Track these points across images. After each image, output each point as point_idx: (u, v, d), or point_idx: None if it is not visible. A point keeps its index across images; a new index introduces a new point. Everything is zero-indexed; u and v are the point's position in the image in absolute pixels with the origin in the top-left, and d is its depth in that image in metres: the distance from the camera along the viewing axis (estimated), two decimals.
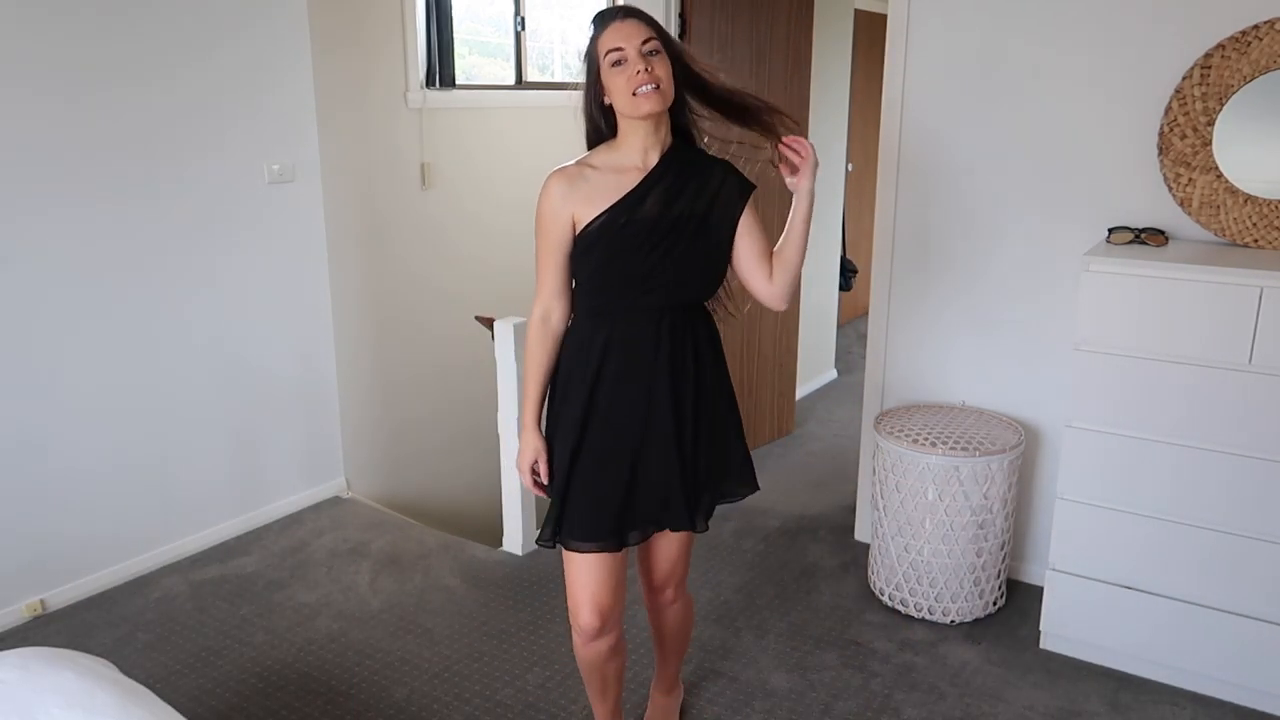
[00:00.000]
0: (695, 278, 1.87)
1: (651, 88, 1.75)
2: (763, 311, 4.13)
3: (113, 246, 2.92)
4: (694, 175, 1.85)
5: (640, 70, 1.74)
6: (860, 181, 6.10)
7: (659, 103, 1.76)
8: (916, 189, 3.01)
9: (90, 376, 2.92)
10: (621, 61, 1.75)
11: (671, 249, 1.82)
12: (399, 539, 3.38)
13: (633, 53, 1.75)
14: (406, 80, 4.02)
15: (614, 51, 1.76)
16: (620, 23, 1.77)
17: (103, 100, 2.83)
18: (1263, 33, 2.38)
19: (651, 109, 1.76)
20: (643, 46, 1.75)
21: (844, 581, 3.08)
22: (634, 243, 1.81)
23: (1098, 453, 2.48)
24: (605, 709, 2.15)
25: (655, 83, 1.75)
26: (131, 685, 1.67)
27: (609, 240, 1.81)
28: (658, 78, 1.75)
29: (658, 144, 1.84)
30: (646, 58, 1.75)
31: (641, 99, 1.75)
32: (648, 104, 1.75)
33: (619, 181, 1.82)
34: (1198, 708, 2.46)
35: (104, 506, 3.01)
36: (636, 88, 1.74)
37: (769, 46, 3.90)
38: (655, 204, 1.81)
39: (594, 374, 1.86)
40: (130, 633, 2.79)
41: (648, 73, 1.74)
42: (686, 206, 1.83)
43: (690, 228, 1.83)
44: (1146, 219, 2.63)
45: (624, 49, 1.75)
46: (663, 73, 1.76)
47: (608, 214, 1.80)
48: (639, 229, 1.81)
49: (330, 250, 3.60)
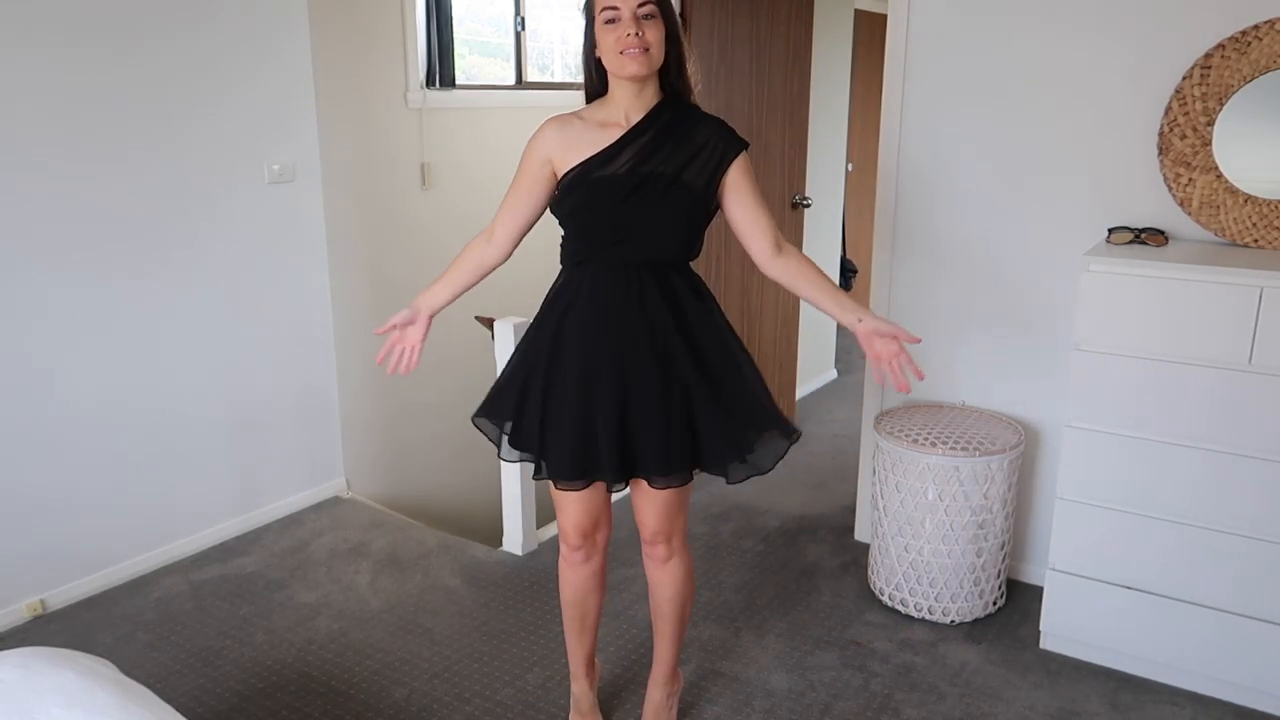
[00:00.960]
0: (666, 235, 1.88)
1: (638, 51, 1.77)
2: (763, 311, 4.14)
3: (112, 246, 2.92)
4: (675, 134, 1.86)
5: (631, 33, 1.76)
6: (860, 181, 6.10)
7: (645, 66, 1.80)
8: (916, 189, 3.01)
9: (90, 376, 2.92)
10: (615, 20, 1.78)
11: (639, 205, 1.84)
12: (399, 539, 3.38)
13: (627, 13, 1.77)
14: (406, 80, 4.02)
15: (609, 9, 1.78)
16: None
17: (102, 100, 2.83)
18: (1263, 33, 2.38)
19: (636, 71, 1.80)
20: (639, 9, 1.77)
21: (844, 581, 3.08)
22: (603, 196, 1.85)
23: (1098, 453, 2.48)
24: (582, 650, 2.26)
25: (644, 47, 1.78)
26: (131, 685, 1.67)
27: (580, 191, 1.87)
28: (647, 42, 1.78)
29: (642, 103, 1.87)
30: (640, 20, 1.77)
31: (628, 59, 1.78)
32: (633, 65, 1.79)
33: (600, 135, 1.87)
34: (1198, 708, 2.46)
35: (104, 506, 3.01)
36: (625, 49, 1.77)
37: (769, 46, 3.90)
38: (628, 160, 1.84)
39: (561, 317, 1.94)
40: (130, 633, 2.79)
41: (637, 36, 1.76)
42: (660, 165, 1.84)
43: (661, 185, 1.85)
44: (1146, 219, 2.63)
45: (619, 8, 1.77)
46: (653, 37, 1.79)
47: (581, 166, 1.86)
48: (609, 184, 1.84)
49: (330, 250, 3.60)
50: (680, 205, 1.87)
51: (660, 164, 1.84)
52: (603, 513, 2.13)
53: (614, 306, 1.90)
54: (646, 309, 1.90)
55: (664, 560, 2.15)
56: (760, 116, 3.92)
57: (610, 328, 1.90)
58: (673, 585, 2.18)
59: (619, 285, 1.89)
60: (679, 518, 2.11)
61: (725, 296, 3.92)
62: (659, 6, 1.80)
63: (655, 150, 1.85)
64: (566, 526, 2.10)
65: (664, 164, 1.84)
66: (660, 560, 2.15)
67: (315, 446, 3.63)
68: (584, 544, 2.12)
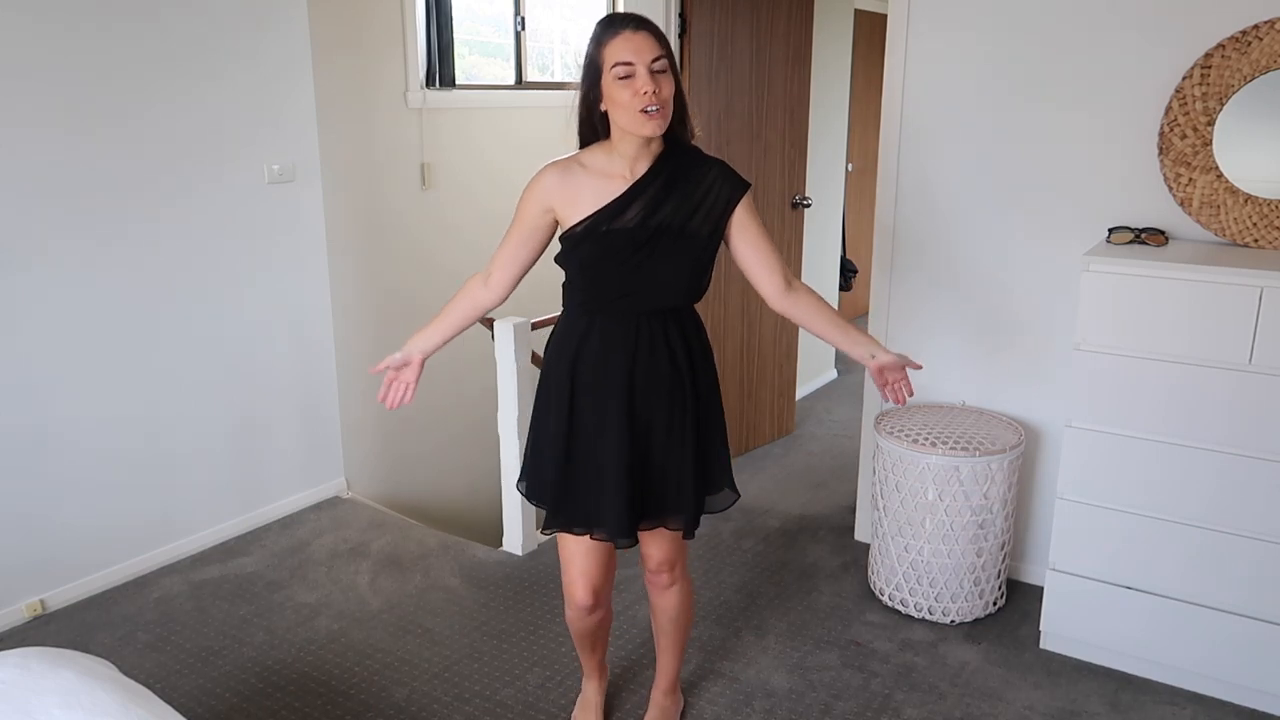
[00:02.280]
0: (674, 284, 1.89)
1: (658, 111, 1.74)
2: (763, 311, 4.14)
3: (112, 246, 2.92)
4: (681, 183, 1.85)
5: (649, 91, 1.72)
6: (860, 181, 6.10)
7: (663, 125, 1.77)
8: (916, 189, 3.01)
9: (90, 376, 2.92)
10: (630, 76, 1.73)
11: (649, 258, 1.84)
12: (399, 539, 3.38)
13: (643, 69, 1.73)
14: (406, 80, 4.02)
15: (623, 65, 1.73)
16: (632, 34, 1.74)
17: (102, 100, 2.83)
18: (1263, 33, 2.38)
19: (654, 132, 1.77)
20: (653, 64, 1.73)
21: (844, 581, 3.08)
22: (613, 250, 1.83)
23: (1098, 453, 2.48)
24: (593, 661, 2.33)
25: (663, 105, 1.74)
26: (131, 685, 1.67)
27: (590, 245, 1.85)
28: (665, 100, 1.75)
29: (648, 154, 1.84)
30: (655, 76, 1.73)
31: (647, 119, 1.74)
32: (652, 125, 1.75)
33: (606, 187, 1.84)
34: (1198, 708, 2.46)
35: (104, 507, 3.01)
36: (645, 106, 1.73)
37: (769, 46, 3.90)
38: (637, 213, 1.82)
39: (571, 365, 1.93)
40: (130, 633, 2.79)
41: (655, 94, 1.73)
42: (668, 216, 1.83)
43: (671, 236, 1.84)
44: (1146, 219, 2.63)
45: (634, 64, 1.73)
46: (667, 93, 1.76)
47: (591, 220, 1.83)
48: (619, 238, 1.83)
49: (330, 250, 3.60)
50: (690, 254, 1.87)
51: (668, 215, 1.83)
52: (610, 560, 2.11)
53: (625, 355, 1.89)
54: (656, 355, 1.90)
55: (668, 586, 2.16)
56: (760, 116, 3.92)
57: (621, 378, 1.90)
58: (675, 606, 2.20)
59: (629, 334, 1.89)
60: (680, 546, 2.13)
61: (725, 296, 3.92)
62: (669, 60, 1.77)
63: (663, 201, 1.83)
64: (576, 581, 2.07)
65: (672, 215, 1.83)
66: (663, 586, 2.16)
67: (315, 447, 3.63)
68: (592, 601, 2.09)
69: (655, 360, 1.90)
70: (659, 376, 1.91)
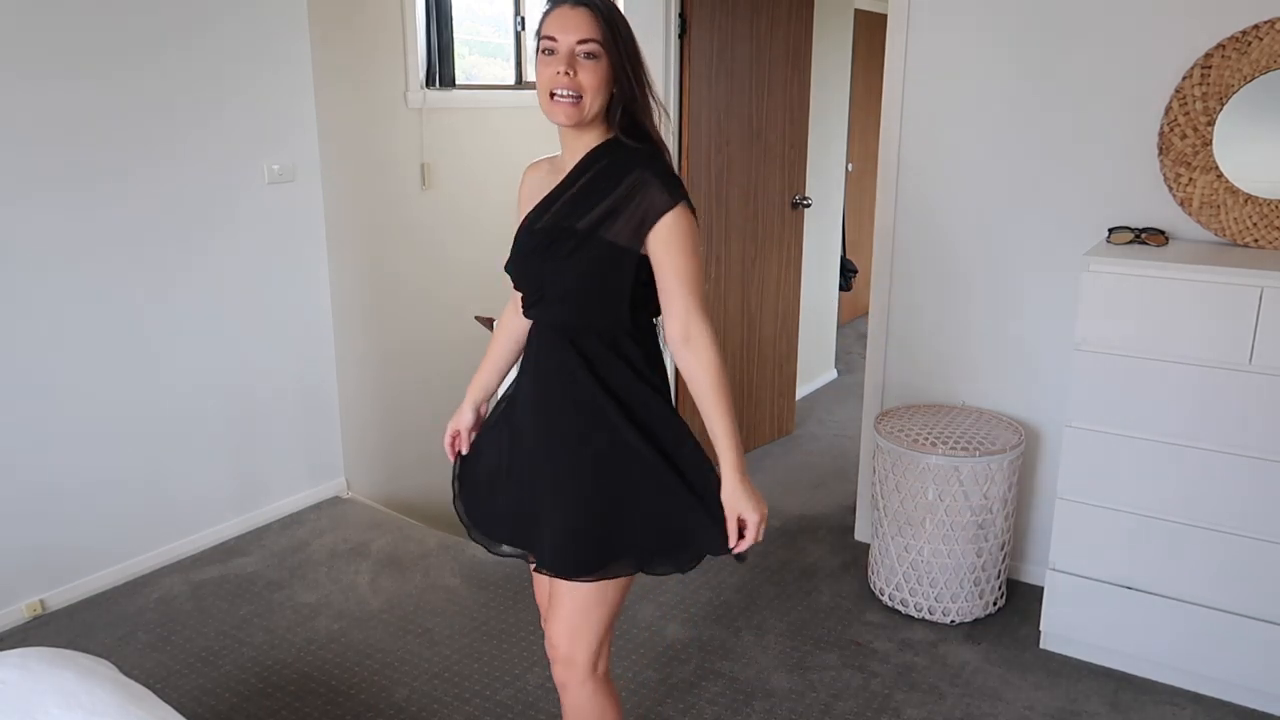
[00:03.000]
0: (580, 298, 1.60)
1: (569, 96, 1.52)
2: (763, 311, 4.14)
3: (112, 247, 2.92)
4: (603, 183, 1.59)
5: (561, 71, 1.51)
6: (860, 181, 6.10)
7: (573, 118, 1.55)
8: (916, 189, 3.01)
9: (90, 376, 2.92)
10: (550, 51, 1.53)
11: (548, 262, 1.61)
12: (399, 539, 3.38)
13: (564, 50, 1.52)
14: (406, 80, 4.02)
15: (546, 39, 1.53)
16: (570, 9, 1.53)
17: (102, 100, 2.83)
18: (1263, 33, 2.38)
19: (562, 122, 1.57)
20: (578, 45, 1.52)
21: (844, 581, 3.08)
22: (524, 252, 1.66)
23: (1098, 453, 2.48)
24: None
25: (575, 91, 1.52)
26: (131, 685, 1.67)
27: (515, 245, 1.68)
28: (579, 85, 1.52)
29: (581, 147, 1.62)
30: (575, 59, 1.52)
31: (555, 106, 1.54)
32: (560, 114, 1.55)
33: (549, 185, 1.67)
34: (1198, 708, 2.46)
35: (104, 507, 3.01)
36: (553, 89, 1.53)
37: (769, 46, 3.90)
38: (557, 213, 1.61)
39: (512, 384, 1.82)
40: (130, 633, 2.79)
41: (568, 77, 1.51)
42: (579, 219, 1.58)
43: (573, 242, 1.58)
44: (1146, 219, 2.63)
45: (556, 41, 1.52)
46: (589, 81, 1.52)
47: (525, 220, 1.68)
48: (532, 238, 1.64)
49: (330, 250, 3.59)
50: (592, 266, 1.58)
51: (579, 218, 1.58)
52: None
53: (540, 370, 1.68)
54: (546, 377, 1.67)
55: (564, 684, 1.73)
56: (760, 116, 3.92)
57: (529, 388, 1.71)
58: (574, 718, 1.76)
59: (545, 348, 1.67)
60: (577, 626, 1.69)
61: (725, 296, 3.92)
62: (604, 45, 1.52)
63: (583, 201, 1.59)
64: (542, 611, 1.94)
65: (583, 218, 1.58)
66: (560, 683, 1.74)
67: (315, 446, 3.63)
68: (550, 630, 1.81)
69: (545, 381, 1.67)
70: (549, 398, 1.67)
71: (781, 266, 4.20)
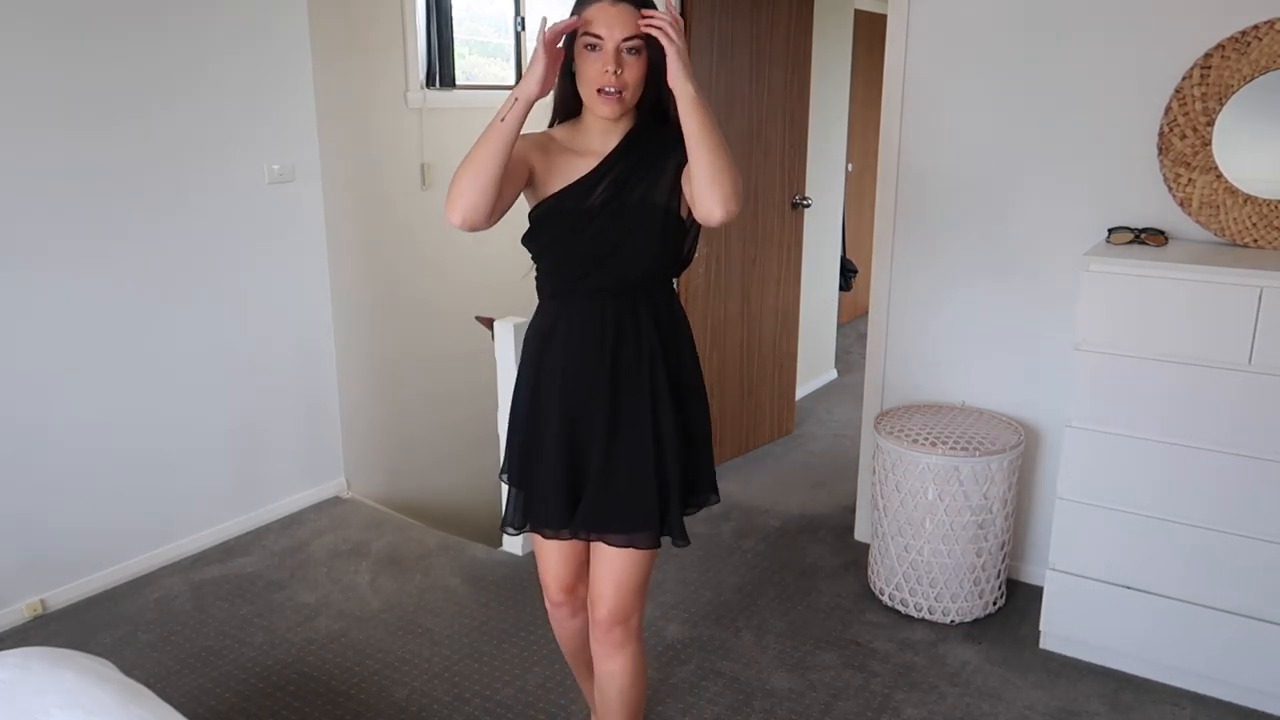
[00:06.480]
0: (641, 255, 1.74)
1: (615, 94, 1.64)
2: (763, 311, 4.14)
3: (112, 247, 2.92)
4: (648, 160, 1.73)
5: (610, 70, 1.61)
6: (860, 181, 6.10)
7: (618, 110, 1.66)
8: (916, 189, 3.01)
9: (90, 376, 2.92)
10: (596, 49, 1.62)
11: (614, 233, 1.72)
12: (399, 539, 3.38)
13: (611, 45, 1.61)
14: (406, 80, 4.02)
15: (591, 36, 1.61)
16: (608, 5, 1.62)
17: (103, 101, 2.83)
18: (1263, 33, 2.38)
19: (608, 115, 1.67)
20: (624, 42, 1.61)
21: (844, 581, 3.08)
22: (579, 228, 1.72)
23: (1097, 453, 2.48)
24: (591, 685, 2.18)
25: (621, 89, 1.63)
26: (131, 685, 1.67)
27: (554, 224, 1.74)
28: (625, 82, 1.63)
29: (618, 130, 1.73)
30: (622, 55, 1.62)
31: (602, 101, 1.65)
32: (606, 108, 1.66)
33: (575, 164, 1.74)
34: (1198, 708, 2.46)
35: (104, 506, 3.01)
36: (604, 87, 1.63)
37: (769, 46, 3.90)
38: (604, 192, 1.72)
39: (537, 358, 1.83)
40: (130, 633, 2.79)
41: (616, 75, 1.62)
42: (633, 192, 1.72)
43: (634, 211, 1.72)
44: (1146, 219, 2.63)
45: (603, 39, 1.61)
46: (632, 76, 1.64)
47: (556, 198, 1.73)
48: (586, 215, 1.72)
49: (330, 250, 3.60)
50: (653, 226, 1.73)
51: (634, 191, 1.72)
52: (585, 562, 1.96)
53: (593, 337, 1.76)
54: (627, 337, 1.76)
55: (616, 646, 1.89)
56: (760, 116, 3.92)
57: (592, 359, 1.77)
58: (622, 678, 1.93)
59: (597, 313, 1.76)
60: (634, 592, 1.86)
61: (725, 295, 3.92)
62: (645, 40, 1.63)
63: (629, 178, 1.73)
64: (547, 580, 1.99)
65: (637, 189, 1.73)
66: (611, 646, 1.90)
67: (315, 446, 3.63)
68: (567, 599, 2.00)
69: (630, 341, 1.76)
70: (629, 362, 1.76)
71: (781, 266, 4.20)
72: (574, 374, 1.79)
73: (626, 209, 1.72)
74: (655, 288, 1.80)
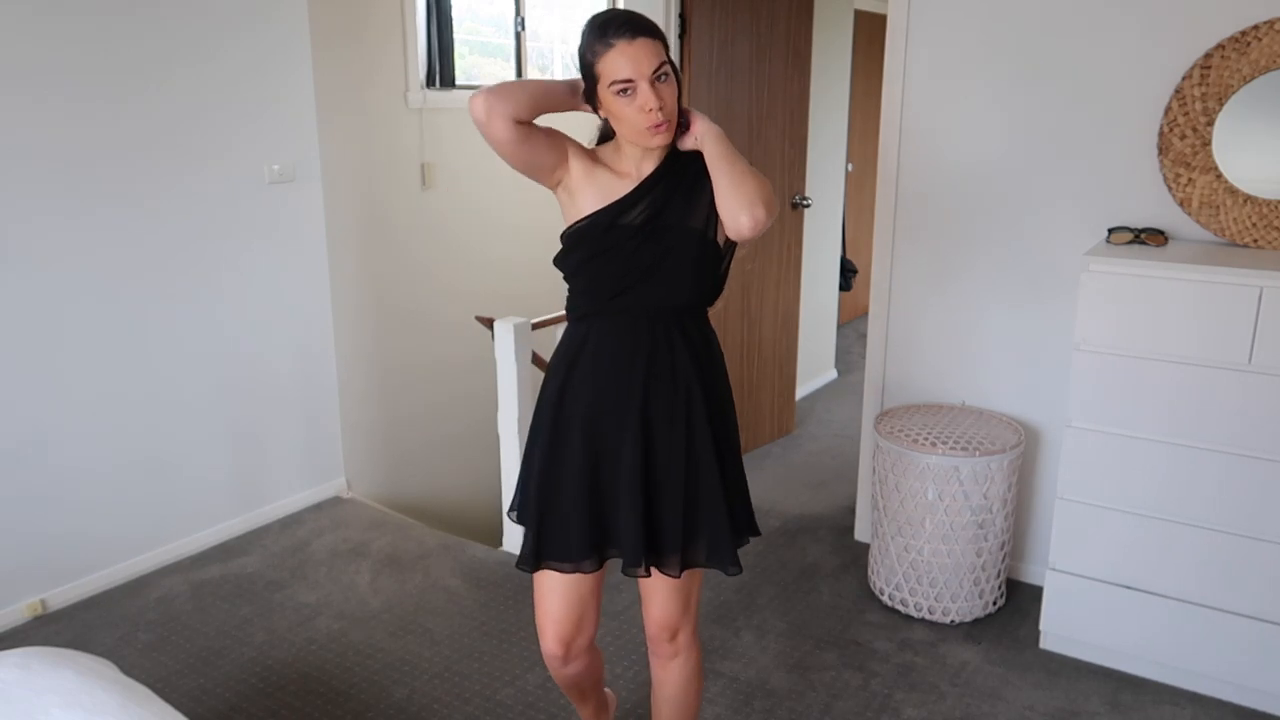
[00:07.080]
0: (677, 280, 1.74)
1: (665, 124, 1.64)
2: (763, 311, 4.14)
3: (113, 247, 2.92)
4: (686, 183, 1.74)
5: (654, 109, 1.61)
6: (860, 181, 6.10)
7: (670, 134, 1.67)
8: (916, 189, 3.01)
9: (90, 376, 2.93)
10: (630, 92, 1.61)
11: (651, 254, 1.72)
12: (399, 539, 3.38)
13: (644, 84, 1.60)
14: (406, 80, 4.02)
15: (621, 83, 1.61)
16: (628, 44, 1.60)
17: (103, 100, 2.83)
18: (1263, 33, 2.38)
19: (663, 142, 1.68)
20: (655, 74, 1.61)
21: (844, 581, 3.08)
22: (615, 249, 1.72)
23: (1098, 453, 2.49)
24: (588, 709, 2.15)
25: (669, 116, 1.64)
26: (132, 685, 1.67)
27: (590, 243, 1.74)
28: (671, 109, 1.64)
29: (655, 152, 1.73)
30: (657, 86, 1.61)
31: (654, 134, 1.64)
32: (659, 138, 1.66)
33: (614, 184, 1.74)
34: (1198, 708, 2.46)
35: (104, 506, 3.01)
36: (651, 125, 1.63)
37: (769, 46, 3.90)
38: (643, 212, 1.72)
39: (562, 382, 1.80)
40: (130, 633, 2.79)
41: (660, 109, 1.61)
42: (671, 214, 1.73)
43: (673, 234, 1.73)
44: (1146, 219, 2.63)
45: (634, 81, 1.60)
46: (669, 101, 1.64)
47: (592, 218, 1.73)
48: (622, 235, 1.72)
49: (330, 250, 3.60)
50: (690, 250, 1.74)
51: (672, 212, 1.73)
52: (587, 612, 1.90)
53: (624, 356, 1.75)
54: (660, 360, 1.75)
55: (671, 657, 1.93)
56: (760, 116, 3.92)
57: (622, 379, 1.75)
58: (678, 684, 1.96)
59: (629, 335, 1.75)
60: (686, 605, 1.88)
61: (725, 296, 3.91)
62: (671, 64, 1.65)
63: (668, 200, 1.73)
64: (545, 626, 1.90)
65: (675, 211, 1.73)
66: (666, 657, 1.94)
67: (315, 446, 3.64)
68: (562, 652, 1.90)
69: (658, 367, 1.75)
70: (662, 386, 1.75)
71: (781, 266, 4.20)
72: (603, 391, 1.77)
73: (664, 231, 1.73)
74: (688, 315, 1.79)
